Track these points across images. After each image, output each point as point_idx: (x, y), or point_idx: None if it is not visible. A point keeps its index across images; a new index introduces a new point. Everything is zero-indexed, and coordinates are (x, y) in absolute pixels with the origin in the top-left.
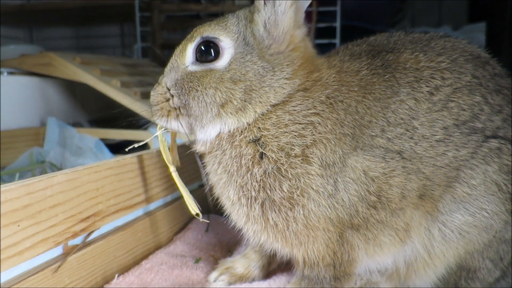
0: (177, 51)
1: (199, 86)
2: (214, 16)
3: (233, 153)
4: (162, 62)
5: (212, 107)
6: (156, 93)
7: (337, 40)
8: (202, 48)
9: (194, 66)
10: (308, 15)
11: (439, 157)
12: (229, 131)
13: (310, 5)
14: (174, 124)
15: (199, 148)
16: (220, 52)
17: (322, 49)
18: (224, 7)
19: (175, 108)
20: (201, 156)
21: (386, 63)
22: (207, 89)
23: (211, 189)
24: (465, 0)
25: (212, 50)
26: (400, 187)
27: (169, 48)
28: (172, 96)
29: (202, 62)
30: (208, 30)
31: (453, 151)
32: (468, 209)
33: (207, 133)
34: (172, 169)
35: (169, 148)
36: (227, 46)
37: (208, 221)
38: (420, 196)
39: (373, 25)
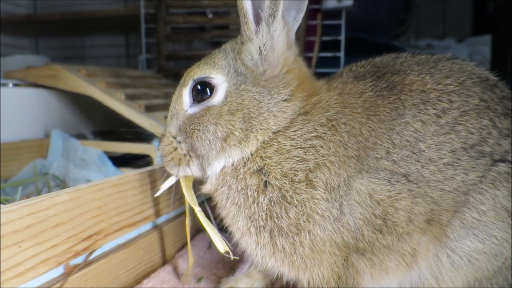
0: (174, 98)
1: (200, 125)
2: (219, 28)
3: (238, 186)
4: (167, 74)
5: (216, 143)
6: (164, 145)
7: (341, 54)
8: (198, 87)
9: (193, 108)
10: (313, 28)
11: (447, 181)
12: (233, 164)
13: (315, 19)
14: (188, 171)
15: (206, 188)
16: (215, 89)
17: (327, 63)
18: (230, 19)
19: (184, 154)
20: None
21: (392, 84)
22: (208, 126)
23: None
24: (470, 12)
25: (207, 89)
26: (406, 211)
27: (174, 59)
28: (180, 142)
29: (199, 102)
30: (198, 72)
31: (461, 175)
32: (477, 236)
33: (213, 169)
34: (197, 209)
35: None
36: (220, 81)
37: (234, 256)
38: (428, 220)
39: (377, 37)
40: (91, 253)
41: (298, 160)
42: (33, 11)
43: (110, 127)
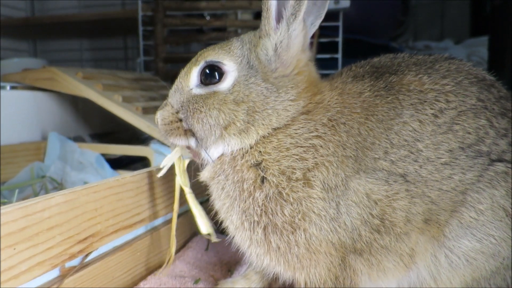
0: (182, 73)
1: (203, 107)
2: (217, 30)
3: (235, 178)
4: (165, 76)
5: (216, 130)
6: (167, 113)
7: (339, 55)
8: (207, 71)
9: (199, 89)
10: None
11: (444, 181)
12: (231, 153)
13: None
14: (190, 141)
15: (203, 175)
16: (224, 75)
17: (325, 64)
18: (227, 21)
19: (185, 130)
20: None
21: (389, 85)
22: (211, 110)
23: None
24: (468, 14)
25: (216, 73)
26: (404, 211)
27: (172, 62)
28: (181, 120)
29: (206, 85)
30: (212, 55)
31: (459, 174)
32: (475, 235)
33: (210, 153)
34: (188, 190)
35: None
36: (231, 69)
37: (216, 239)
38: (426, 220)
39: (375, 39)
40: (87, 255)
41: (297, 159)
42: (30, 14)
43: (107, 129)
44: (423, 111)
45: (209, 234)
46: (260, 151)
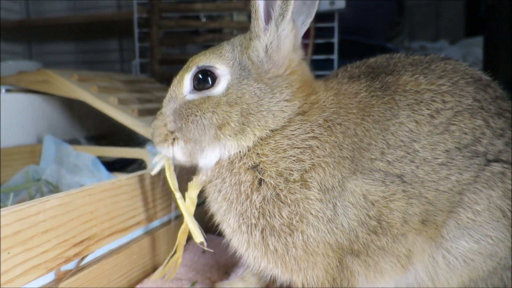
0: (175, 81)
1: (198, 111)
2: (213, 32)
3: (232, 180)
4: (161, 78)
5: (210, 129)
6: (158, 122)
7: (335, 56)
8: (200, 76)
9: (192, 95)
10: (306, 31)
11: (441, 181)
12: (229, 158)
13: None
14: (170, 151)
15: (201, 180)
16: (217, 79)
17: (320, 65)
18: (223, 23)
19: (171, 132)
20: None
21: (386, 85)
22: (205, 113)
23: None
24: (462, 14)
25: (209, 78)
26: (401, 212)
27: (168, 63)
28: (170, 122)
29: (199, 90)
30: (203, 60)
31: (456, 174)
32: (472, 236)
33: (207, 158)
34: (178, 195)
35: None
36: (223, 73)
37: (208, 249)
38: (423, 221)
39: (370, 40)
40: (82, 259)
41: (294, 160)
42: (26, 16)
43: (103, 132)
44: (420, 112)
45: (202, 243)
46: (258, 153)
